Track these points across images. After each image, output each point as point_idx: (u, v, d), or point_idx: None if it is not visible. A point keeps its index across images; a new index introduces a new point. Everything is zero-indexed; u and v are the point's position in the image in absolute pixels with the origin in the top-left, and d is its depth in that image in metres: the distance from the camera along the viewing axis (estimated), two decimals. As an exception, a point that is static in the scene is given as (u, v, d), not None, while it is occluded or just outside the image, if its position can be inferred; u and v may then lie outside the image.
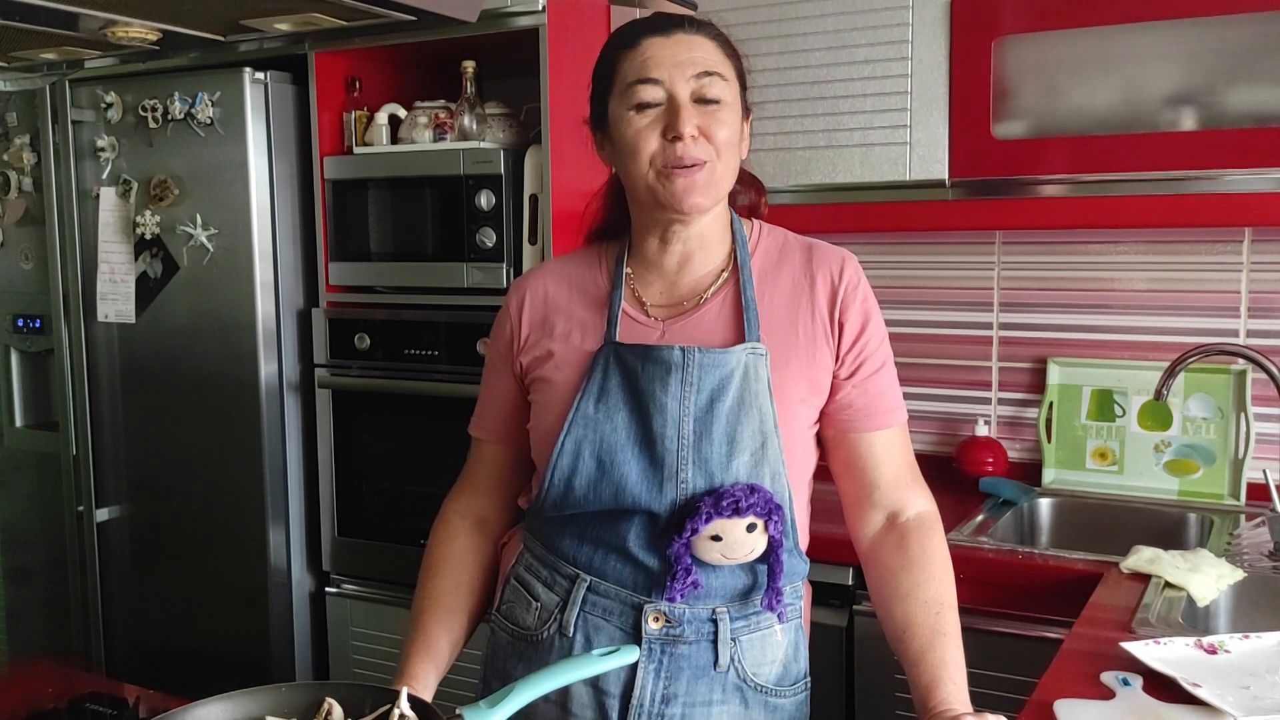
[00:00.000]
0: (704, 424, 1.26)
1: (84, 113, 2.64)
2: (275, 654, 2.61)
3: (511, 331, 1.39)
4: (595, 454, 1.28)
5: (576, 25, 2.37)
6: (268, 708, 1.10)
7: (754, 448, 1.26)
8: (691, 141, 1.24)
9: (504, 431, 1.44)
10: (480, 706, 1.08)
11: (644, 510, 1.27)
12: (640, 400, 1.27)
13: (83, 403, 2.74)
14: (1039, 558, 1.94)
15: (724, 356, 1.26)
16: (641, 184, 1.27)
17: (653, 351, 1.28)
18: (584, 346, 1.33)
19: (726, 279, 1.34)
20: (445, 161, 2.40)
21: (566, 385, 1.32)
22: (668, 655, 1.29)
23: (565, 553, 1.33)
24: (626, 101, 1.26)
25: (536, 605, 1.35)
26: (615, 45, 1.31)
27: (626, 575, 1.29)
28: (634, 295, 1.35)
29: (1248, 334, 2.26)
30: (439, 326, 2.45)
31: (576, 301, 1.37)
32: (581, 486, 1.29)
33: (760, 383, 1.27)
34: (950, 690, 1.22)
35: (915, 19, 2.19)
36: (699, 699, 1.29)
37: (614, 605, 1.30)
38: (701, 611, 1.29)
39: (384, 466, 2.55)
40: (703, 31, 1.29)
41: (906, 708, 1.50)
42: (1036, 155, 2.13)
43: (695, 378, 1.26)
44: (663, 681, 1.29)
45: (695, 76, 1.25)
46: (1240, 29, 1.98)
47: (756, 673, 1.32)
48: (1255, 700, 1.26)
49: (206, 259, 2.55)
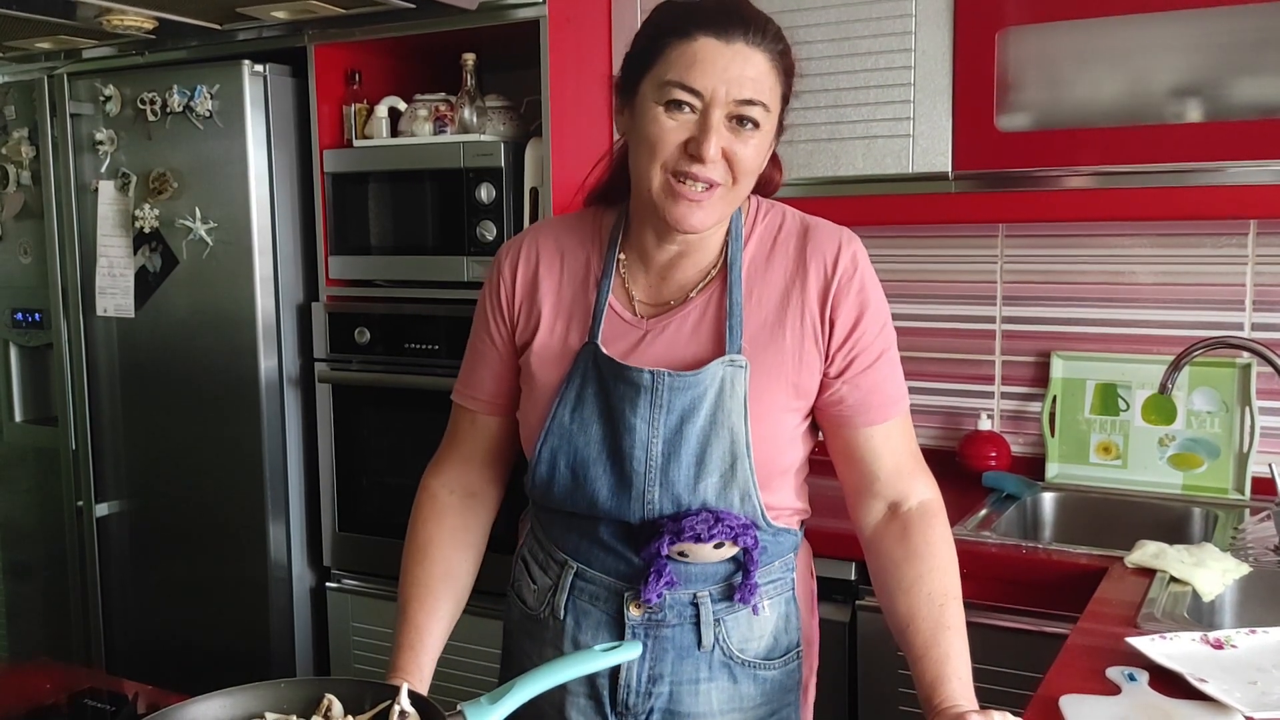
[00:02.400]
0: (673, 445, 1.25)
1: (82, 106, 2.63)
2: (276, 649, 2.61)
3: (505, 296, 1.35)
4: (570, 465, 1.28)
5: (577, 17, 2.36)
6: (267, 704, 1.09)
7: (723, 469, 1.25)
8: (711, 164, 1.18)
9: (494, 402, 1.39)
10: (481, 703, 1.07)
11: (616, 520, 1.28)
12: (612, 415, 1.26)
13: (82, 397, 2.73)
14: (1043, 552, 1.93)
15: (696, 378, 1.24)
16: (646, 184, 1.22)
17: (624, 371, 1.25)
18: (567, 341, 1.31)
19: (714, 278, 1.30)
20: (445, 154, 2.39)
21: (546, 387, 1.30)
22: (651, 638, 1.30)
23: (556, 539, 1.35)
24: (659, 95, 1.19)
25: (534, 587, 1.38)
26: (667, 25, 1.21)
27: (610, 565, 1.31)
28: (623, 286, 1.32)
29: (1252, 327, 2.25)
30: (439, 320, 2.44)
31: (566, 281, 1.33)
32: (559, 492, 1.30)
33: (735, 399, 1.25)
34: (955, 686, 1.21)
35: (919, 10, 2.18)
36: (686, 677, 1.31)
37: (599, 591, 1.32)
38: (682, 596, 1.29)
39: (384, 461, 2.55)
40: (764, 47, 1.20)
41: (911, 703, 1.49)
42: (1040, 148, 2.11)
43: (665, 400, 1.24)
44: (648, 663, 1.30)
45: (737, 102, 1.18)
46: (1245, 20, 1.97)
47: (743, 649, 1.32)
48: (1262, 696, 1.25)
49: (206, 253, 2.54)
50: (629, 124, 1.26)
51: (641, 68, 1.23)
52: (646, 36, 1.24)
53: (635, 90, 1.23)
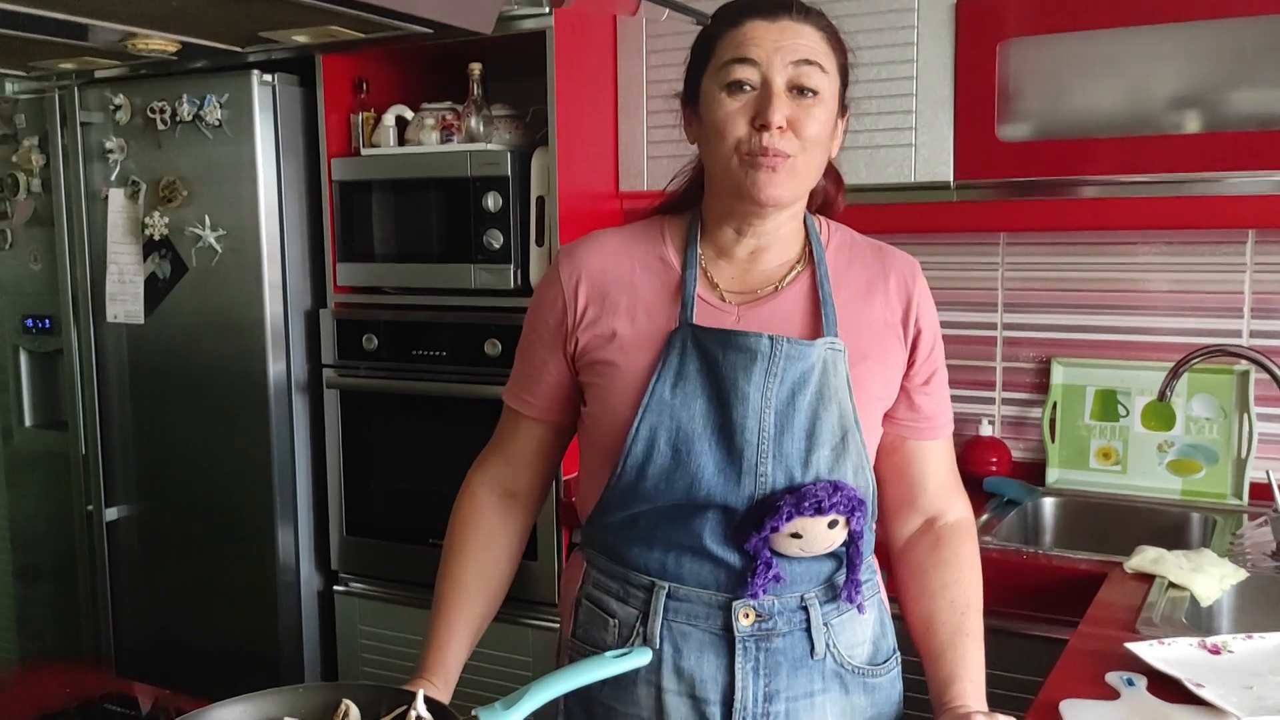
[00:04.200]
0: (785, 417, 1.21)
1: (92, 115, 2.65)
2: (284, 653, 2.63)
3: (565, 306, 1.30)
4: (671, 442, 1.22)
5: (583, 28, 2.38)
6: (285, 709, 1.10)
7: (834, 442, 1.23)
8: (779, 133, 1.18)
9: (548, 410, 1.36)
10: (495, 708, 1.09)
11: (718, 505, 1.22)
12: (720, 388, 1.22)
13: (92, 402, 2.75)
14: (1043, 557, 1.95)
15: (809, 348, 1.22)
16: (723, 169, 1.21)
17: (736, 338, 1.22)
18: (655, 327, 1.25)
19: (801, 272, 1.29)
20: (452, 163, 2.41)
21: (637, 369, 1.24)
22: (763, 651, 1.24)
23: (635, 561, 1.28)
24: (720, 80, 1.20)
25: (614, 622, 1.29)
26: (716, 23, 1.25)
27: (706, 575, 1.24)
28: (706, 277, 1.28)
29: (1250, 335, 2.27)
30: (446, 327, 2.47)
31: (641, 279, 1.29)
32: (654, 476, 1.23)
33: (839, 378, 1.24)
34: (966, 687, 1.23)
35: (921, 22, 2.20)
36: (801, 691, 1.25)
37: (698, 609, 1.24)
38: (790, 601, 1.25)
39: (392, 466, 2.57)
40: (810, 20, 1.22)
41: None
42: (1041, 158, 2.14)
43: (780, 368, 1.21)
44: (763, 679, 1.24)
45: (794, 64, 1.19)
46: (1243, 32, 1.99)
47: (851, 655, 1.29)
48: (1259, 700, 1.27)
49: (215, 260, 2.56)
50: (698, 127, 1.26)
51: (700, 68, 1.25)
52: (701, 39, 1.27)
53: (698, 92, 1.25)
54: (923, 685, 1.30)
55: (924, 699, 1.29)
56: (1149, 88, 2.09)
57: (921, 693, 1.30)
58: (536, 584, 2.37)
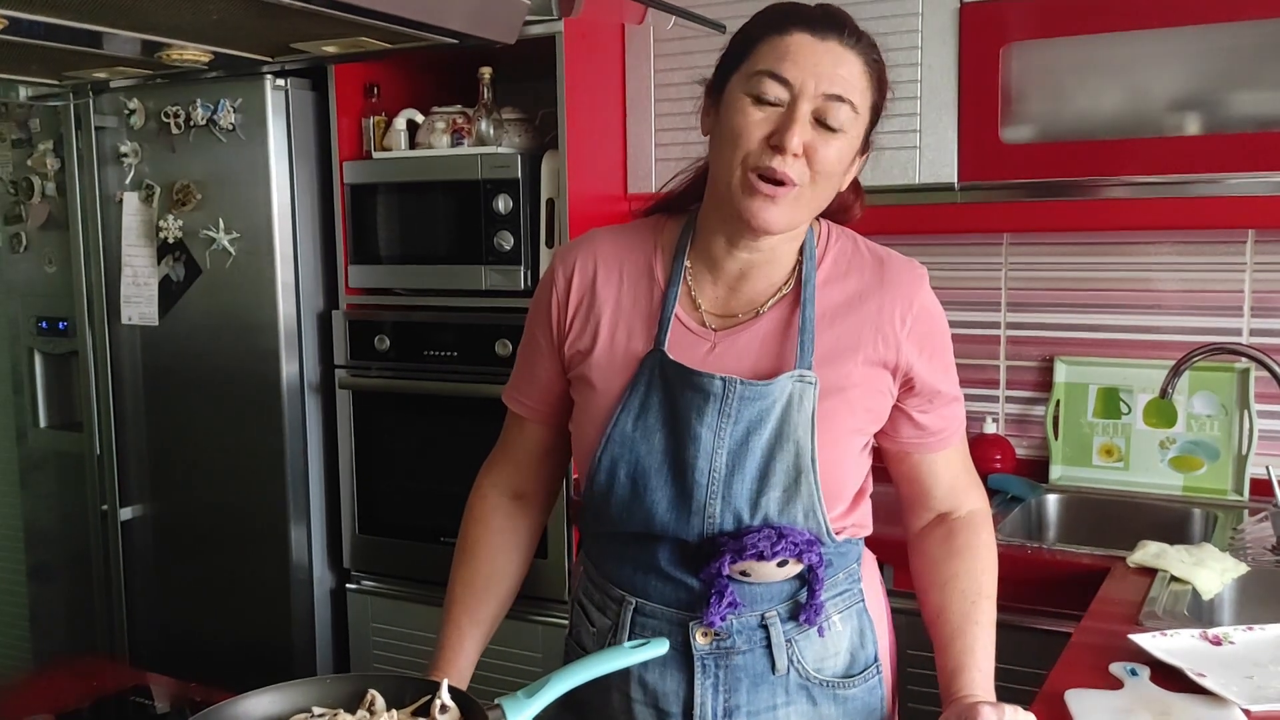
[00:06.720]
0: (737, 457, 1.20)
1: (107, 119, 2.68)
2: (297, 650, 2.66)
3: (557, 307, 1.30)
4: (630, 475, 1.23)
5: (592, 33, 2.41)
6: (313, 699, 1.12)
7: (786, 484, 1.21)
8: (792, 158, 1.14)
9: (545, 411, 1.36)
10: (518, 696, 1.11)
11: (673, 537, 1.24)
12: (677, 425, 1.22)
13: (106, 403, 2.78)
14: (1047, 553, 1.98)
15: (767, 388, 1.20)
16: (724, 178, 1.18)
17: (694, 377, 1.21)
18: (630, 349, 1.26)
19: (786, 294, 1.25)
20: (463, 166, 2.43)
21: (607, 395, 1.25)
22: (723, 669, 1.25)
23: (611, 574, 1.31)
24: (748, 87, 1.16)
25: (593, 630, 1.33)
26: (763, 23, 1.20)
27: (669, 594, 1.26)
28: (689, 295, 1.27)
29: (1250, 333, 2.30)
30: (457, 328, 2.49)
31: (626, 291, 1.28)
32: (616, 505, 1.25)
33: (803, 414, 1.20)
34: (974, 676, 1.23)
35: (925, 26, 2.23)
36: (763, 705, 1.25)
37: (662, 625, 1.26)
38: (751, 619, 1.25)
39: (403, 465, 2.60)
40: (859, 48, 1.18)
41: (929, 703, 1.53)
42: (1044, 159, 2.16)
43: (734, 409, 1.20)
44: (722, 695, 1.25)
45: (826, 96, 1.15)
46: (1243, 35, 2.02)
47: (820, 669, 1.27)
48: (1259, 690, 1.29)
49: (228, 262, 2.59)
50: (714, 122, 1.23)
51: (733, 65, 1.21)
52: (742, 34, 1.22)
53: (724, 87, 1.21)
54: (922, 686, 1.31)
55: (931, 693, 1.31)
56: (1150, 90, 2.11)
57: (926, 688, 1.32)
58: (546, 581, 2.39)
